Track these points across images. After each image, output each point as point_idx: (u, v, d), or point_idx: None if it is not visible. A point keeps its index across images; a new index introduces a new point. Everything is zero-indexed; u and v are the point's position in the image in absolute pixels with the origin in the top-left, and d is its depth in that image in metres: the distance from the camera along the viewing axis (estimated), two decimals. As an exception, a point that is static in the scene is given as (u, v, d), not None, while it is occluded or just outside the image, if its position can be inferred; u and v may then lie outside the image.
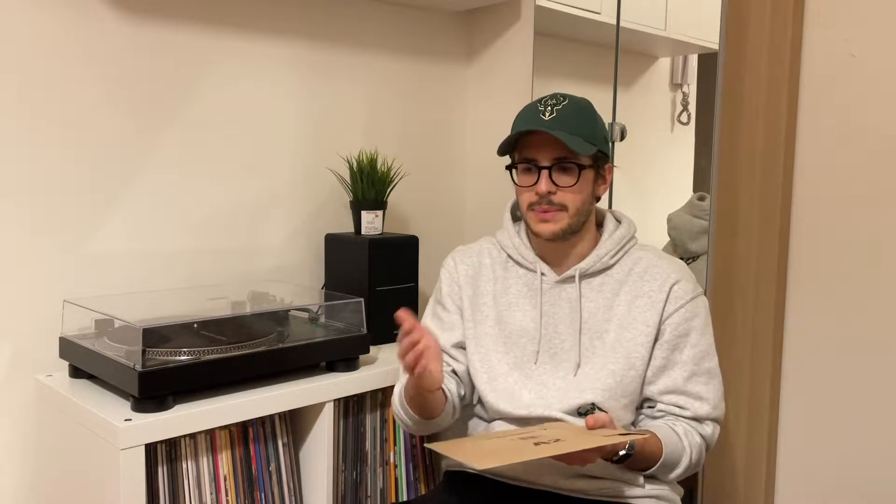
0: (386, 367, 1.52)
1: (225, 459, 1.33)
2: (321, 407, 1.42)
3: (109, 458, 1.19)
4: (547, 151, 1.21)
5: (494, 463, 0.98)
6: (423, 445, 1.63)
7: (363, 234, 1.74)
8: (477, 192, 2.15)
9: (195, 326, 1.41)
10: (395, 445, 1.58)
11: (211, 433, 1.32)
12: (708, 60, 1.61)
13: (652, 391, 1.24)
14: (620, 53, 1.75)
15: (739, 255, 1.56)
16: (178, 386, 1.25)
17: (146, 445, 1.20)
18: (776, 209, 1.50)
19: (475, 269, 1.35)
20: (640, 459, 1.16)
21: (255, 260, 1.75)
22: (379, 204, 1.76)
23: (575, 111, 1.22)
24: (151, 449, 1.24)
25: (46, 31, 1.43)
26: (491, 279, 1.33)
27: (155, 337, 1.34)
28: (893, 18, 1.38)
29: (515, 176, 1.27)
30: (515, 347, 1.28)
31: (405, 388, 1.25)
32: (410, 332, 1.12)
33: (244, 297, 1.59)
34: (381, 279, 1.69)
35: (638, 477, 1.22)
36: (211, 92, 1.65)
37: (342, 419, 1.49)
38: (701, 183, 1.63)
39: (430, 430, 1.32)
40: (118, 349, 1.31)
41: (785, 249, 1.53)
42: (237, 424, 1.35)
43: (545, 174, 1.21)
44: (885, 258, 1.41)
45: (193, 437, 1.29)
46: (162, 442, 1.25)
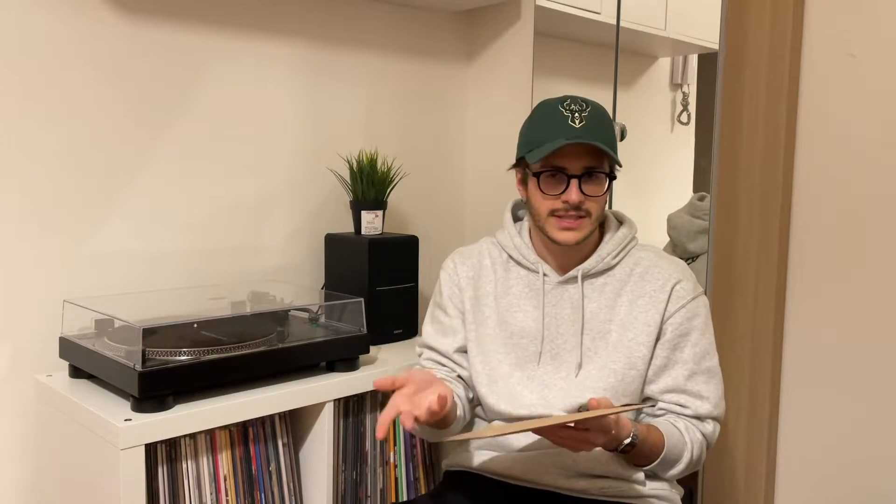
0: (386, 367, 1.52)
1: (225, 459, 1.33)
2: (321, 407, 1.42)
3: (109, 458, 1.19)
4: (577, 160, 1.19)
5: (491, 433, 1.04)
6: (423, 445, 1.63)
7: (363, 234, 1.74)
8: (477, 192, 2.15)
9: (195, 326, 1.41)
10: (395, 445, 1.58)
11: (211, 433, 1.32)
12: (708, 60, 1.61)
13: (653, 390, 1.24)
14: (620, 53, 1.75)
15: (739, 255, 1.56)
16: (178, 386, 1.25)
17: (146, 445, 1.20)
18: (776, 209, 1.51)
19: (476, 270, 1.35)
20: (642, 451, 1.16)
21: (255, 260, 1.75)
22: (379, 204, 1.76)
23: (600, 118, 1.21)
24: (151, 449, 1.24)
25: (47, 31, 1.43)
26: (492, 280, 1.33)
27: (155, 337, 1.34)
28: (893, 18, 1.38)
29: (535, 181, 1.22)
30: (517, 348, 1.28)
31: None
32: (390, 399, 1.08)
33: (244, 297, 1.59)
34: (381, 279, 1.69)
35: (639, 474, 1.22)
36: (211, 92, 1.65)
37: (342, 419, 1.49)
38: (701, 183, 1.63)
39: (444, 437, 1.32)
40: (118, 349, 1.31)
41: (785, 249, 1.53)
42: (237, 424, 1.35)
43: (575, 183, 1.19)
44: (885, 258, 1.41)
45: (193, 437, 1.29)
46: (162, 442, 1.25)
